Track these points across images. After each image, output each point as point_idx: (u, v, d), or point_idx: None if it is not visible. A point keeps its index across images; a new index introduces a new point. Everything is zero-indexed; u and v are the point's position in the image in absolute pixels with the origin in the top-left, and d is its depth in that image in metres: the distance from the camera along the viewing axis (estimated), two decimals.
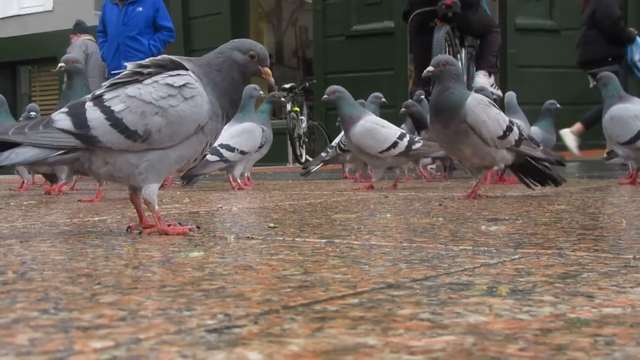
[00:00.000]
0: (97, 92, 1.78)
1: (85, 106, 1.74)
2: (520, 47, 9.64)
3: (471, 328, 0.76)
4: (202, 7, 11.45)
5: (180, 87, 1.74)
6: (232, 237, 1.66)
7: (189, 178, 4.21)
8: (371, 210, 2.41)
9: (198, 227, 1.85)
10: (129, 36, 6.95)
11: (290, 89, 9.92)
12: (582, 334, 0.73)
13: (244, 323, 0.80)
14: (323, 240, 1.57)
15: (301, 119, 9.63)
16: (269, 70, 1.87)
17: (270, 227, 1.88)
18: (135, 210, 1.91)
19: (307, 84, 10.38)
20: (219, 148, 4.06)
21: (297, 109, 9.76)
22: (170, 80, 1.74)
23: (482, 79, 6.21)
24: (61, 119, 1.73)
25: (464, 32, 6.30)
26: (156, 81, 1.74)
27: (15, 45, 13.46)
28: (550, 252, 1.32)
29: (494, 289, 0.97)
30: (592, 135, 7.12)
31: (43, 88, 14.30)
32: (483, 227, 1.77)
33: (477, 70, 6.37)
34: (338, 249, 1.42)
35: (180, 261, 1.29)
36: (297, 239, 1.61)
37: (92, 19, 11.27)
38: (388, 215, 2.20)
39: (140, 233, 1.81)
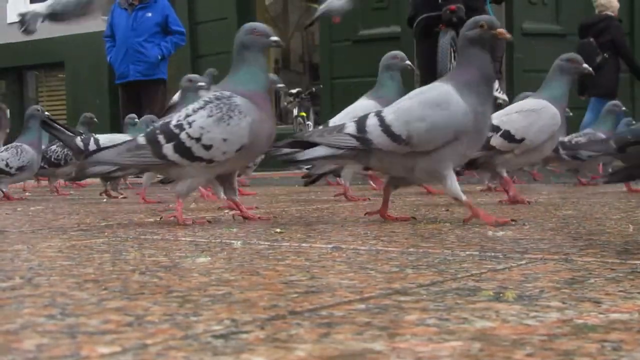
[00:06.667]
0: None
1: (369, 116, 2.12)
2: (527, 51, 9.63)
3: (478, 334, 0.76)
4: (208, 12, 11.45)
5: (441, 101, 2.06)
6: (238, 242, 1.66)
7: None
8: (377, 215, 2.40)
9: (514, 221, 2.04)
10: (137, 41, 6.97)
11: (297, 94, 9.92)
12: (589, 340, 0.73)
13: (250, 328, 0.80)
14: (329, 246, 1.57)
15: (308, 124, 9.62)
16: (501, 30, 2.15)
17: (276, 232, 1.88)
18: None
19: (313, 88, 10.38)
20: None
21: (304, 114, 9.76)
22: (430, 94, 2.10)
23: None
24: (350, 125, 2.11)
25: None
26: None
27: (22, 50, 13.47)
28: (557, 258, 1.32)
29: (501, 295, 0.97)
30: None
31: (50, 93, 14.30)
32: (490, 233, 1.77)
33: None
34: (344, 255, 1.42)
35: (187, 266, 1.29)
36: (304, 245, 1.61)
37: (99, 24, 11.30)
38: None
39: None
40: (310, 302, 0.94)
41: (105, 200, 3.86)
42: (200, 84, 3.57)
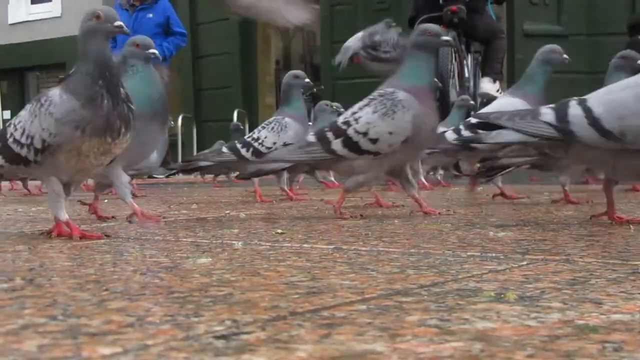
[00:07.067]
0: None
1: (569, 104, 1.96)
2: (528, 52, 9.62)
3: (479, 334, 0.76)
4: (209, 12, 11.45)
5: None
6: (239, 243, 1.66)
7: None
8: (379, 216, 2.41)
9: None
10: None
11: None
12: (591, 341, 0.73)
13: (251, 329, 0.80)
14: (330, 247, 1.57)
15: (309, 125, 9.61)
16: None
17: (277, 233, 1.89)
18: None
19: (314, 89, 10.38)
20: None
21: None
22: None
23: (488, 85, 6.19)
24: (547, 112, 1.97)
25: (469, 38, 6.30)
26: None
27: (23, 51, 13.49)
28: (558, 259, 1.32)
29: (502, 296, 0.97)
30: None
31: None
32: (491, 233, 1.77)
33: (482, 76, 6.36)
34: (345, 255, 1.42)
35: (188, 267, 1.29)
36: (305, 245, 1.61)
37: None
38: (395, 221, 2.20)
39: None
40: (311, 303, 0.94)
41: (106, 200, 3.86)
42: (306, 80, 3.54)
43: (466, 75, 6.12)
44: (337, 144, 2.37)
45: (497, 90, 6.29)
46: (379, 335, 0.76)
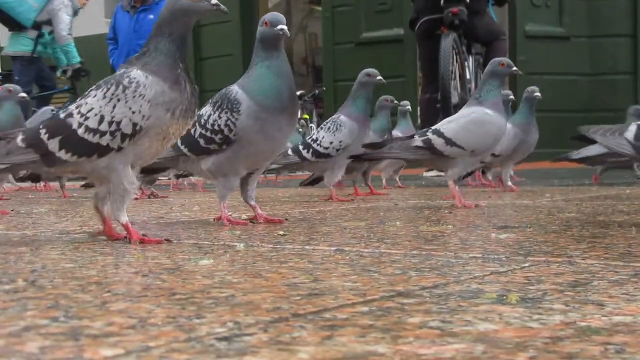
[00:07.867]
0: None
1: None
2: (530, 54, 9.63)
3: (481, 336, 0.76)
4: (210, 14, 11.46)
5: None
6: (241, 245, 1.66)
7: None
8: (381, 218, 2.41)
9: None
10: (139, 44, 6.98)
11: (300, 97, 9.90)
12: (593, 343, 0.73)
13: (253, 331, 0.80)
14: (333, 248, 1.57)
15: (311, 127, 9.64)
16: None
17: (280, 235, 1.89)
18: None
19: (316, 91, 10.42)
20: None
21: (307, 116, 9.78)
22: None
23: None
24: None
25: (471, 40, 6.30)
26: None
27: None
28: (560, 260, 1.32)
29: (504, 297, 0.97)
30: None
31: (53, 95, 14.32)
32: (493, 235, 1.77)
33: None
34: (348, 257, 1.42)
35: (190, 269, 1.29)
36: (307, 247, 1.61)
37: (102, 27, 11.31)
38: (398, 223, 2.20)
39: None
40: (313, 305, 0.94)
41: None
42: (378, 78, 3.54)
43: (468, 77, 6.12)
44: None
45: None
46: (381, 337, 0.76)
